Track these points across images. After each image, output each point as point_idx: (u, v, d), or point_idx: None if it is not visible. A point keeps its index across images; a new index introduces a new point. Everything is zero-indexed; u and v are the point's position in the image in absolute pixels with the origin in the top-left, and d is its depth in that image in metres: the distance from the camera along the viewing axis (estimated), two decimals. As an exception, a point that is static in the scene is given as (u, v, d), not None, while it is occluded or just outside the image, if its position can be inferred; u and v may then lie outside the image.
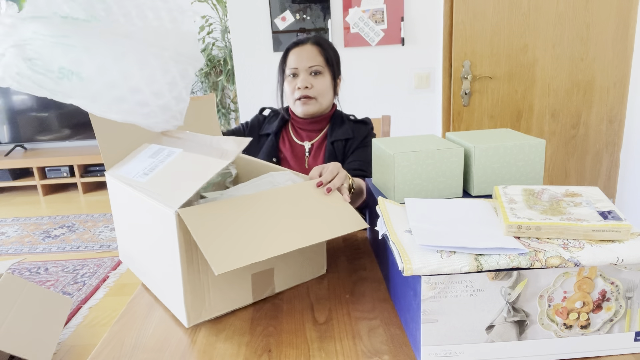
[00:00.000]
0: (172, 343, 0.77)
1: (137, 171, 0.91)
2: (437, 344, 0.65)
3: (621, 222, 0.67)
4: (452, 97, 2.54)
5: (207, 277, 0.79)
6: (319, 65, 1.32)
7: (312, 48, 1.33)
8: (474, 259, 0.63)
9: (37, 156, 4.01)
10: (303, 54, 1.32)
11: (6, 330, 1.62)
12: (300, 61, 1.32)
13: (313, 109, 1.33)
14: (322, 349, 0.72)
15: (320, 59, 1.33)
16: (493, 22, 2.42)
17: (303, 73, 1.32)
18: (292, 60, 1.33)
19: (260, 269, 0.86)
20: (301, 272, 0.93)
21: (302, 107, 1.33)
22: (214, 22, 3.85)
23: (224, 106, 3.96)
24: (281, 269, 0.89)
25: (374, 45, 2.53)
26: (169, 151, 0.91)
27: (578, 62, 2.45)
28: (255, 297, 0.87)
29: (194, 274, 0.78)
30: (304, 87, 1.31)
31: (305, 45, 1.34)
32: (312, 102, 1.32)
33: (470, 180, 0.94)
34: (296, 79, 1.33)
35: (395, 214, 0.80)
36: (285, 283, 0.90)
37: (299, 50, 1.33)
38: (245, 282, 0.84)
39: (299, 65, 1.32)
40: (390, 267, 0.84)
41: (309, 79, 1.31)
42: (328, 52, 1.35)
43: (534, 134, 2.57)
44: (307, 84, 1.31)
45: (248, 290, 0.85)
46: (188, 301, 0.78)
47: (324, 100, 1.34)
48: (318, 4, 2.48)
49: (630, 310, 0.66)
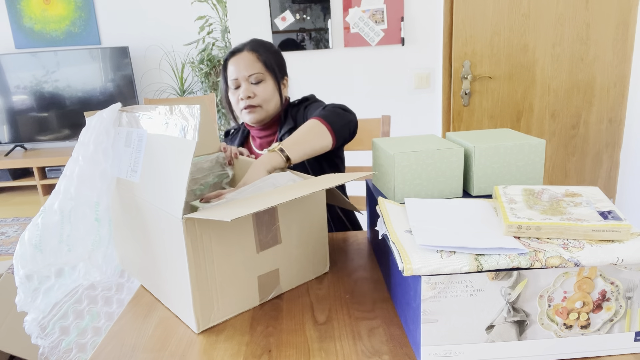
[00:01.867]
0: (172, 343, 0.77)
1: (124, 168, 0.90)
2: (437, 344, 0.65)
3: (621, 222, 0.67)
4: (452, 97, 2.54)
5: (215, 282, 0.79)
6: (259, 72, 1.28)
7: (249, 55, 1.29)
8: (474, 259, 0.63)
9: (37, 156, 4.01)
10: (241, 63, 1.28)
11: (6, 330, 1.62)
12: (239, 71, 1.28)
13: (259, 116, 1.30)
14: (322, 349, 0.72)
15: (259, 66, 1.28)
16: (493, 22, 2.42)
17: (244, 83, 1.28)
18: (231, 71, 1.29)
19: (266, 270, 0.86)
20: (305, 270, 0.93)
21: (248, 115, 1.30)
22: (214, 22, 3.85)
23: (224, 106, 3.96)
24: (286, 269, 0.89)
25: (374, 45, 2.53)
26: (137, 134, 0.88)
27: (578, 62, 2.45)
28: (262, 299, 0.87)
29: (202, 280, 0.77)
30: (246, 97, 1.27)
31: (242, 54, 1.29)
32: (258, 109, 1.29)
33: (470, 180, 0.94)
34: (239, 90, 1.29)
35: (395, 214, 0.80)
36: (290, 283, 0.91)
37: (236, 60, 1.29)
38: (251, 284, 0.84)
39: (238, 75, 1.28)
40: (390, 267, 0.84)
41: (250, 88, 1.27)
42: (266, 56, 1.30)
43: (534, 134, 2.57)
44: (249, 93, 1.27)
45: (255, 292, 0.85)
46: (197, 307, 0.78)
47: (270, 106, 1.31)
48: (318, 4, 2.48)
49: (630, 310, 0.66)
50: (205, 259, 0.77)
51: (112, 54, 3.91)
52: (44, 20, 4.07)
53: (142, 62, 4.14)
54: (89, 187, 0.86)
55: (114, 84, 3.98)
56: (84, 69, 3.95)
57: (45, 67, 3.96)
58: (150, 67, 4.15)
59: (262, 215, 0.83)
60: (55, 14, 4.06)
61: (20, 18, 4.07)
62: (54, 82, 3.99)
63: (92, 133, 0.89)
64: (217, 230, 0.77)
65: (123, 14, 4.06)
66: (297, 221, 0.89)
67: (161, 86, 4.16)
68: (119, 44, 4.07)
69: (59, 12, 4.06)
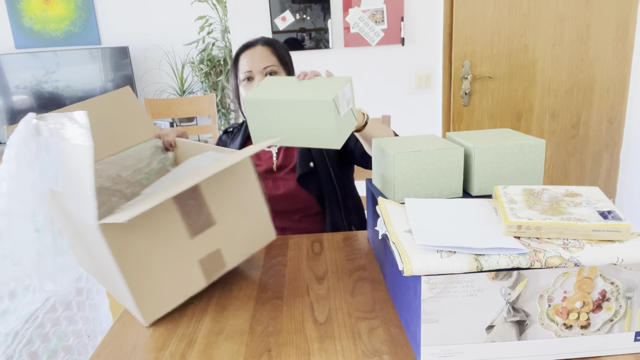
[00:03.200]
0: (172, 343, 0.77)
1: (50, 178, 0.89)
2: (437, 344, 0.65)
3: (621, 222, 0.67)
4: (452, 97, 2.54)
5: (151, 275, 0.80)
6: (274, 65, 1.28)
7: (263, 49, 1.29)
8: (474, 259, 0.63)
9: (37, 156, 4.00)
10: (255, 56, 1.27)
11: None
12: (253, 63, 1.27)
13: None
14: (322, 349, 0.72)
15: (274, 59, 1.29)
16: (493, 22, 2.42)
17: (258, 75, 1.27)
18: (244, 64, 1.29)
19: (206, 253, 0.86)
20: (249, 244, 0.93)
21: None
22: (214, 22, 3.85)
23: (224, 106, 3.96)
24: (228, 247, 0.89)
25: (374, 45, 2.53)
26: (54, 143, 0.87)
27: (578, 62, 2.45)
28: (208, 280, 0.87)
29: (137, 276, 0.78)
30: None
31: (256, 47, 1.29)
32: None
33: (470, 180, 0.94)
34: (251, 83, 1.28)
35: (395, 214, 0.80)
36: (235, 259, 0.91)
37: (250, 53, 1.28)
38: (193, 270, 0.85)
39: (252, 67, 1.27)
40: (390, 267, 0.84)
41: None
42: (280, 51, 1.31)
43: (534, 134, 2.57)
44: None
45: (199, 276, 0.86)
46: (139, 302, 0.79)
47: None
48: (318, 4, 2.48)
49: (630, 310, 0.66)
50: (134, 256, 0.77)
51: (112, 54, 3.91)
52: (44, 20, 4.07)
53: (142, 62, 4.14)
54: (20, 202, 0.86)
55: (114, 84, 3.98)
56: (84, 69, 3.95)
57: (45, 67, 3.96)
58: (150, 67, 4.15)
59: (186, 200, 0.82)
60: (55, 14, 4.06)
61: (20, 18, 4.07)
62: (54, 82, 3.99)
63: (12, 149, 0.88)
64: (137, 228, 0.77)
65: (123, 14, 4.06)
66: (227, 198, 0.88)
67: (161, 86, 4.16)
68: (119, 44, 4.07)
69: (59, 12, 4.06)
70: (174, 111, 2.52)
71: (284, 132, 1.00)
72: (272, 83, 1.05)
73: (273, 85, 1.04)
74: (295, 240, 1.16)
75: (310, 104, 0.94)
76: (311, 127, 0.97)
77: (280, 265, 1.03)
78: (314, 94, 0.95)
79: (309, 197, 1.31)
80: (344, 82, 0.99)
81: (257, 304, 0.87)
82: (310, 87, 0.99)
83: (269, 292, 0.91)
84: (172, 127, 3.95)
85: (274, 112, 0.99)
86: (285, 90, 1.00)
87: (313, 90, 0.97)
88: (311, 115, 0.95)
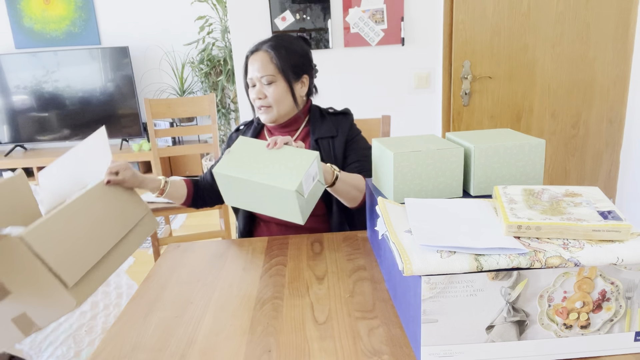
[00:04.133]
0: (172, 343, 0.77)
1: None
2: (437, 344, 0.65)
3: (621, 222, 0.67)
4: (452, 97, 2.54)
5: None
6: (270, 74, 1.30)
7: (264, 56, 1.31)
8: (474, 259, 0.63)
9: (37, 156, 4.01)
10: (255, 64, 1.31)
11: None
12: (253, 71, 1.31)
13: (272, 116, 1.34)
14: (322, 349, 0.72)
15: (272, 67, 1.30)
16: (493, 22, 2.42)
17: (258, 83, 1.31)
18: (249, 70, 1.34)
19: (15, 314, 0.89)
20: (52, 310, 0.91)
21: (262, 115, 1.35)
22: (214, 22, 3.85)
23: (224, 106, 3.96)
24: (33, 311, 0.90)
25: (374, 45, 2.53)
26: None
27: (578, 62, 2.45)
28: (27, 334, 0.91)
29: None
30: (258, 97, 1.31)
31: (258, 53, 1.31)
32: (269, 110, 1.33)
33: (470, 180, 0.94)
34: (254, 89, 1.33)
35: (395, 214, 0.80)
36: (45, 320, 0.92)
37: (253, 59, 1.32)
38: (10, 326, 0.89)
39: (253, 75, 1.32)
40: (390, 267, 0.84)
41: (263, 89, 1.31)
42: (281, 57, 1.31)
43: (534, 134, 2.57)
44: (260, 94, 1.31)
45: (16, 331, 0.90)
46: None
47: (281, 107, 1.33)
48: (318, 4, 2.47)
49: (630, 310, 0.66)
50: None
51: (112, 54, 3.91)
52: (44, 20, 4.07)
53: (142, 62, 4.14)
54: None
55: (114, 84, 3.98)
56: (84, 69, 3.95)
57: (45, 67, 3.96)
58: (150, 67, 4.15)
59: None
60: (55, 14, 4.06)
61: (20, 18, 4.07)
62: (54, 82, 3.99)
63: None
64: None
65: (123, 14, 4.06)
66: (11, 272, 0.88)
67: (161, 86, 4.16)
68: (119, 44, 4.07)
69: (59, 12, 4.06)
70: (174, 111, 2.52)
71: (254, 203, 1.07)
72: (242, 151, 1.09)
73: (243, 154, 1.08)
74: (295, 240, 1.16)
75: (275, 190, 0.99)
76: (277, 205, 1.03)
77: (280, 265, 1.03)
78: (279, 178, 0.99)
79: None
80: (310, 159, 1.02)
81: (257, 304, 0.87)
82: (278, 164, 1.03)
83: (269, 292, 0.91)
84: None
85: (243, 187, 1.05)
86: (253, 166, 1.04)
87: (280, 170, 1.01)
88: (276, 197, 1.01)
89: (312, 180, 1.02)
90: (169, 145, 3.93)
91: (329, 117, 1.40)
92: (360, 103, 2.63)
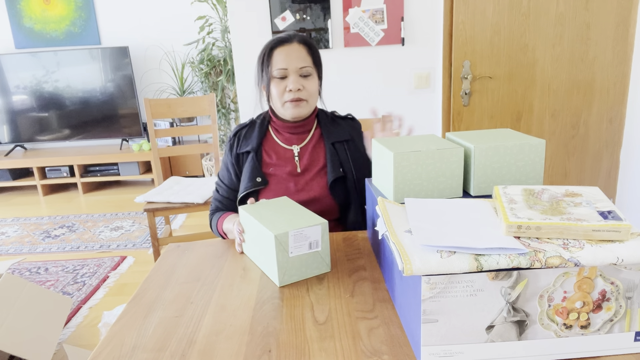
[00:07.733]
0: (172, 343, 0.77)
1: None
2: (437, 344, 0.65)
3: (621, 222, 0.67)
4: (452, 97, 2.54)
5: None
6: (309, 66, 1.25)
7: (300, 48, 1.25)
8: (474, 259, 0.63)
9: (37, 156, 4.01)
10: (292, 54, 1.23)
11: (6, 330, 1.62)
12: (289, 61, 1.23)
13: (304, 111, 1.28)
14: (322, 349, 0.72)
15: (310, 60, 1.26)
16: (493, 22, 2.42)
17: (293, 74, 1.23)
18: (279, 60, 1.24)
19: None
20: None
21: (293, 109, 1.26)
22: (214, 22, 3.85)
23: (224, 106, 3.96)
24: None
25: (374, 45, 2.53)
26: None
27: (578, 62, 2.45)
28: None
29: None
30: (296, 89, 1.23)
31: (293, 44, 1.25)
32: (304, 104, 1.26)
33: (470, 180, 0.94)
34: (285, 81, 1.24)
35: (395, 214, 0.80)
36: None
37: (286, 50, 1.24)
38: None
39: (288, 65, 1.23)
40: (390, 267, 0.84)
41: (300, 80, 1.24)
42: (315, 52, 1.29)
43: (534, 134, 2.57)
44: (299, 86, 1.23)
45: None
46: None
47: (313, 102, 1.29)
48: (318, 4, 2.47)
49: (630, 310, 0.66)
50: None
51: (112, 54, 3.91)
52: (44, 20, 4.07)
53: (142, 62, 4.14)
54: None
55: (114, 84, 3.98)
56: (84, 69, 3.95)
57: (45, 67, 3.96)
58: (150, 67, 4.15)
59: None
60: (55, 14, 4.06)
61: (20, 18, 4.07)
62: (54, 82, 3.99)
63: None
64: None
65: (123, 14, 4.06)
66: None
67: (161, 86, 4.16)
68: (119, 44, 4.07)
69: (59, 12, 4.06)
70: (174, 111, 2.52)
71: (255, 250, 1.05)
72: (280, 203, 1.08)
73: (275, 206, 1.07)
74: (295, 240, 1.16)
75: (263, 232, 0.96)
76: (264, 254, 0.98)
77: (280, 265, 1.03)
78: (274, 224, 0.96)
79: (332, 204, 1.29)
80: (311, 222, 0.96)
81: (257, 304, 0.87)
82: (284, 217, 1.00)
83: (269, 292, 0.91)
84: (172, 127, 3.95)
85: (251, 228, 1.04)
86: (263, 214, 1.02)
87: (279, 221, 0.97)
88: (263, 243, 0.97)
89: (309, 246, 0.95)
90: (169, 145, 3.93)
91: (340, 120, 1.38)
92: (360, 103, 2.63)
